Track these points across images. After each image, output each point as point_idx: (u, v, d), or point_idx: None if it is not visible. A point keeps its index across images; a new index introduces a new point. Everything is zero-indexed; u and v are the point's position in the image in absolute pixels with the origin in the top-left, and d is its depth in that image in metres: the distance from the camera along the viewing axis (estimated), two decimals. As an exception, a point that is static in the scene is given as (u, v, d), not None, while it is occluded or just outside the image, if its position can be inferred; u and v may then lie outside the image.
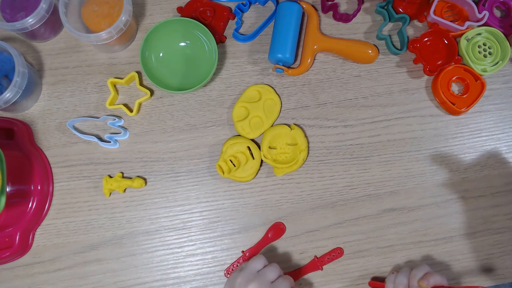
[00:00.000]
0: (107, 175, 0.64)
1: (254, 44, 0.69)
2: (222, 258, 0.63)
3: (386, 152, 0.66)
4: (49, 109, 0.67)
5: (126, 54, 0.69)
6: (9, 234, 0.61)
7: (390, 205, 0.65)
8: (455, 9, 0.69)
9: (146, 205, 0.64)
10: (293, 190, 0.65)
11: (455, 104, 0.66)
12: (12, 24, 0.61)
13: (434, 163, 0.66)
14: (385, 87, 0.68)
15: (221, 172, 0.63)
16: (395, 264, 0.63)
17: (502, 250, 0.64)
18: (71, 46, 0.69)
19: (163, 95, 0.67)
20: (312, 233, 0.64)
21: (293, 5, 0.66)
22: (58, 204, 0.64)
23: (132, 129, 0.66)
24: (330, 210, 0.64)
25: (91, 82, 0.68)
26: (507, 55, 0.67)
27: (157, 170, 0.65)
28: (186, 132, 0.66)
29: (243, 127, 0.65)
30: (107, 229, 0.64)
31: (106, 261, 0.63)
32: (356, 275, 0.63)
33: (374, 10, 0.70)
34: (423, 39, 0.67)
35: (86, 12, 0.65)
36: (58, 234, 0.63)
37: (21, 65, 0.60)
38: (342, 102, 0.68)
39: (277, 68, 0.66)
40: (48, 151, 0.65)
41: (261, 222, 0.64)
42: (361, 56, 0.67)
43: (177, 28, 0.65)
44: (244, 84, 0.68)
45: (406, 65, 0.69)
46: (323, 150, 0.66)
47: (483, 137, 0.67)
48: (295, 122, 0.67)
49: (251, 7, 0.71)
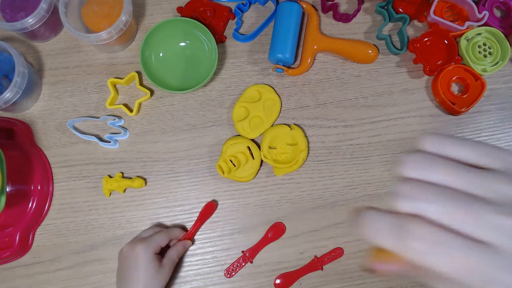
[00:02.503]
0: (107, 175, 0.64)
1: (254, 44, 0.69)
2: (222, 258, 0.63)
3: (386, 152, 0.66)
4: (49, 109, 0.67)
5: (126, 54, 0.69)
6: (9, 234, 0.61)
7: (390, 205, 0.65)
8: (455, 9, 0.69)
9: (146, 205, 0.64)
10: (293, 190, 0.65)
11: (455, 104, 0.66)
12: (12, 24, 0.61)
13: (434, 163, 0.66)
14: (385, 87, 0.68)
15: (221, 172, 0.63)
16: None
17: (502, 250, 0.64)
18: (71, 46, 0.69)
19: (163, 95, 0.67)
20: (312, 233, 0.64)
21: (293, 5, 0.66)
22: (58, 204, 0.64)
23: (132, 129, 0.66)
24: (330, 210, 0.64)
25: (91, 82, 0.68)
26: (507, 55, 0.67)
27: (157, 170, 0.65)
28: (186, 132, 0.66)
29: (243, 127, 0.65)
30: (107, 229, 0.64)
31: (106, 261, 0.63)
32: (356, 275, 0.63)
33: (374, 10, 0.70)
34: (423, 39, 0.67)
35: (86, 12, 0.65)
36: (58, 234, 0.63)
37: (21, 65, 0.60)
38: (342, 102, 0.68)
39: (277, 68, 0.66)
40: (48, 151, 0.65)
41: (261, 222, 0.64)
42: (361, 56, 0.67)
43: (177, 28, 0.65)
44: (244, 84, 0.68)
45: (406, 65, 0.69)
46: (323, 150, 0.66)
47: (483, 137, 0.67)
48: (295, 122, 0.67)
49: (251, 7, 0.71)
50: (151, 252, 0.53)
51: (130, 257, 0.53)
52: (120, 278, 0.55)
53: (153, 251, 0.54)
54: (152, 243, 0.54)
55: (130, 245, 0.55)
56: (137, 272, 0.52)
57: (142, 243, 0.54)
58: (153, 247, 0.53)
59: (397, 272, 0.25)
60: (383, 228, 0.23)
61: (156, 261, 0.53)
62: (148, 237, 0.55)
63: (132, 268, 0.53)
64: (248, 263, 0.63)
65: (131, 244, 0.55)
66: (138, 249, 0.53)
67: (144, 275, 0.52)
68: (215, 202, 0.64)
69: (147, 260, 0.52)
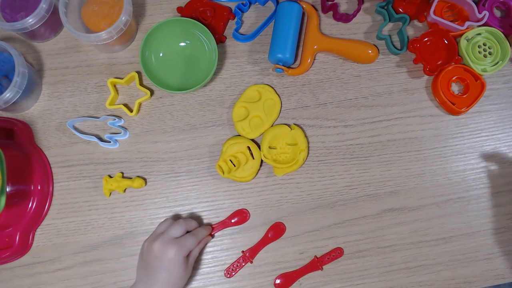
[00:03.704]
0: (107, 175, 0.64)
1: (254, 44, 0.69)
2: (222, 258, 0.63)
3: (386, 152, 0.66)
4: (49, 109, 0.67)
5: (126, 54, 0.69)
6: (9, 234, 0.61)
7: (390, 205, 0.65)
8: (455, 9, 0.69)
9: (146, 205, 0.64)
10: (293, 190, 0.65)
11: (455, 104, 0.66)
12: (12, 24, 0.61)
13: (434, 163, 0.66)
14: (385, 87, 0.68)
15: (221, 172, 0.63)
16: (394, 264, 0.63)
17: (502, 250, 0.64)
18: (71, 46, 0.69)
19: (163, 95, 0.67)
20: (312, 233, 0.64)
21: (293, 5, 0.66)
22: (58, 204, 0.64)
23: (132, 129, 0.66)
24: (330, 210, 0.64)
25: (91, 82, 0.68)
26: (507, 55, 0.67)
27: (157, 170, 0.65)
28: (186, 132, 0.66)
29: (243, 127, 0.65)
30: (107, 229, 0.64)
31: (106, 261, 0.63)
32: (356, 275, 0.63)
33: (374, 10, 0.70)
34: (423, 39, 0.67)
35: (86, 12, 0.65)
36: (58, 234, 0.63)
37: (21, 65, 0.60)
38: (342, 102, 0.68)
39: (277, 68, 0.66)
40: (48, 151, 0.65)
41: (261, 222, 0.64)
42: (361, 56, 0.67)
43: (177, 28, 0.65)
44: (244, 84, 0.68)
45: (406, 65, 0.69)
46: (323, 150, 0.66)
47: (483, 137, 0.67)
48: (295, 122, 0.67)
49: (251, 7, 0.71)
50: (182, 256, 0.55)
51: (162, 257, 0.55)
52: (145, 274, 0.55)
53: (184, 255, 0.56)
54: (185, 248, 0.56)
55: (161, 244, 0.55)
56: (167, 274, 0.54)
57: (175, 247, 0.55)
58: (185, 252, 0.56)
59: None
60: None
61: (185, 264, 0.56)
62: (180, 239, 0.56)
63: (163, 269, 0.54)
64: (248, 263, 0.63)
65: (162, 243, 0.55)
66: (171, 252, 0.54)
67: (173, 278, 0.55)
68: (248, 212, 0.64)
69: (178, 264, 0.55)
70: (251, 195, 0.65)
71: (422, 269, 0.63)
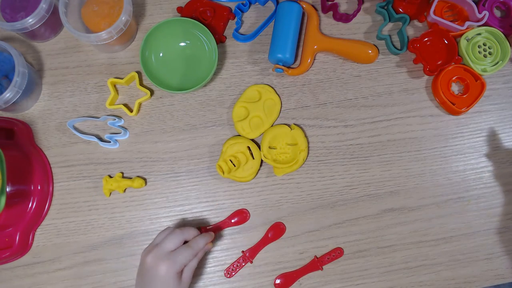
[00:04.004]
0: (107, 175, 0.64)
1: (254, 44, 0.69)
2: (222, 258, 0.63)
3: (386, 152, 0.66)
4: (49, 109, 0.67)
5: (126, 54, 0.69)
6: (9, 234, 0.61)
7: (390, 205, 0.65)
8: (455, 9, 0.69)
9: (146, 205, 0.64)
10: (293, 190, 0.65)
11: (455, 104, 0.66)
12: (12, 24, 0.61)
13: (434, 163, 0.66)
14: (385, 87, 0.68)
15: (221, 172, 0.63)
16: (394, 264, 0.63)
17: (502, 250, 0.64)
18: (71, 46, 0.69)
19: (163, 95, 0.67)
20: (312, 233, 0.64)
21: (293, 5, 0.66)
22: (58, 204, 0.64)
23: (132, 129, 0.66)
24: (330, 210, 0.64)
25: (91, 82, 0.68)
26: (507, 55, 0.67)
27: (157, 170, 0.65)
28: (186, 132, 0.66)
29: (243, 127, 0.65)
30: (107, 229, 0.64)
31: (106, 261, 0.63)
32: (356, 275, 0.63)
33: (374, 10, 0.70)
34: (423, 39, 0.67)
35: (86, 12, 0.65)
36: (58, 234, 0.63)
37: (21, 65, 0.60)
38: (342, 102, 0.68)
39: (277, 68, 0.66)
40: (48, 151, 0.65)
41: (261, 222, 0.64)
42: (361, 56, 0.67)
43: (177, 28, 0.65)
44: (244, 84, 0.68)
45: (406, 65, 0.69)
46: (323, 150, 0.66)
47: (483, 137, 0.67)
48: (295, 122, 0.67)
49: (251, 7, 0.71)
50: (174, 272, 0.53)
51: (153, 272, 0.53)
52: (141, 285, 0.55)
53: (177, 271, 0.53)
54: (177, 264, 0.53)
55: (154, 258, 0.54)
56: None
57: (166, 263, 0.53)
58: (177, 268, 0.53)
59: None
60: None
61: (177, 280, 0.54)
62: (173, 254, 0.54)
63: (154, 284, 0.53)
64: (248, 263, 0.63)
65: (154, 257, 0.54)
66: (162, 269, 0.53)
67: None
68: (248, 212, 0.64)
69: (168, 281, 0.53)
70: (251, 195, 0.65)
71: (422, 269, 0.63)
